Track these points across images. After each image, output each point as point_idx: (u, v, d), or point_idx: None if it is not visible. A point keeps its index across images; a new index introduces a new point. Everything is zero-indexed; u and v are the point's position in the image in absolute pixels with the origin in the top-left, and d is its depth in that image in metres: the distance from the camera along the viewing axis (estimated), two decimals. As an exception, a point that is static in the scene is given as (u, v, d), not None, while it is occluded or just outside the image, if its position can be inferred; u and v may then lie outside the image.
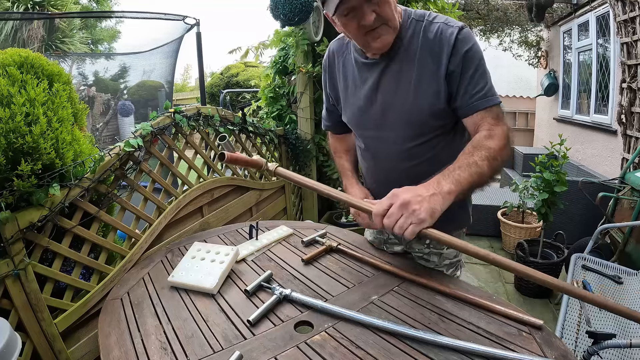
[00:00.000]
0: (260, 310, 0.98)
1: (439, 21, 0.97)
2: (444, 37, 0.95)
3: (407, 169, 1.11)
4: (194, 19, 3.65)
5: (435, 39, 0.96)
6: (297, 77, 2.87)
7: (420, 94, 0.99)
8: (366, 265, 1.23)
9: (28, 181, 1.05)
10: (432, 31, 0.97)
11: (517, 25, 5.14)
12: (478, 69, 0.95)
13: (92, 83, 5.26)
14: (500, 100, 0.98)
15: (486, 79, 0.97)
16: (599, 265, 1.99)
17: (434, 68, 0.97)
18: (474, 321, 0.94)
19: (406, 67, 1.00)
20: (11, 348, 0.85)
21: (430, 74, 0.98)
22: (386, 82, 1.03)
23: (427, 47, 0.97)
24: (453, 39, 0.94)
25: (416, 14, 1.01)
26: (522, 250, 2.56)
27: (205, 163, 2.01)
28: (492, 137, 0.93)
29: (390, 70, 1.02)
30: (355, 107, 1.12)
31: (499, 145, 0.91)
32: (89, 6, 9.02)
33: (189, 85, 16.45)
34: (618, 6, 2.90)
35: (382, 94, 1.05)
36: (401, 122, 1.04)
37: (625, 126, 2.93)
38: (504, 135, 0.93)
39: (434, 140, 1.06)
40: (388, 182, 1.19)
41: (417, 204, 0.75)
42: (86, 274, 1.34)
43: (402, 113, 1.03)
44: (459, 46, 0.94)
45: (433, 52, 0.96)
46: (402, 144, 1.07)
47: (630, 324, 1.56)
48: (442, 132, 1.05)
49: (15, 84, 1.14)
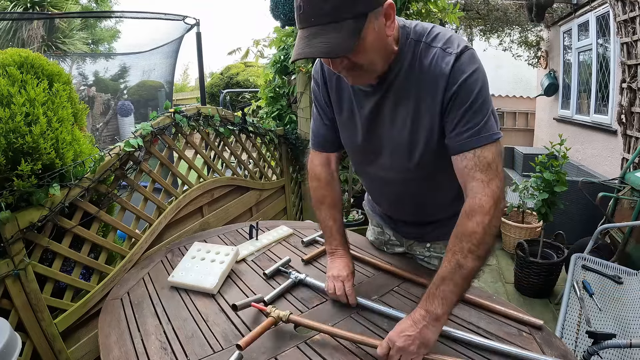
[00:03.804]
0: (276, 291, 1.06)
1: (437, 45, 0.85)
2: (439, 68, 0.83)
3: (405, 196, 1.06)
4: (194, 19, 3.65)
5: (430, 69, 0.84)
6: (297, 77, 2.87)
7: (418, 130, 0.90)
8: (366, 265, 1.23)
9: (28, 181, 1.05)
10: (428, 58, 0.85)
11: (517, 25, 5.14)
12: (475, 102, 0.82)
13: (92, 83, 5.26)
14: (498, 137, 0.84)
15: (485, 111, 0.83)
16: (599, 265, 1.99)
17: (430, 102, 0.87)
18: (474, 321, 0.94)
19: (403, 99, 0.90)
20: (11, 348, 0.85)
21: (426, 109, 0.88)
22: (383, 114, 0.94)
23: (422, 77, 0.86)
24: (449, 69, 0.82)
25: (415, 32, 0.87)
26: (522, 250, 2.56)
27: (205, 163, 2.00)
28: (474, 211, 0.81)
29: (387, 101, 0.92)
30: (351, 132, 1.03)
31: (483, 224, 0.80)
32: (89, 6, 9.01)
33: (189, 86, 16.44)
34: (618, 6, 2.90)
35: (379, 125, 0.96)
36: (396, 156, 0.97)
37: (625, 126, 2.93)
38: (493, 201, 0.81)
39: (432, 173, 0.97)
40: (387, 202, 1.17)
41: (410, 345, 0.80)
42: (86, 274, 1.34)
43: (397, 148, 0.95)
44: (453, 77, 0.82)
45: (428, 85, 0.85)
46: (397, 174, 1.00)
47: (630, 324, 1.56)
48: (441, 166, 0.93)
49: (15, 84, 1.14)
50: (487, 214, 0.80)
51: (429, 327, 0.80)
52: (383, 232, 1.31)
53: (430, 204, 1.08)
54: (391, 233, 1.28)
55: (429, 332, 0.80)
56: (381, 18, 0.77)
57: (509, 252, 3.19)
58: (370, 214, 1.34)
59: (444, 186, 1.00)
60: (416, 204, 1.08)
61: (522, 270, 2.55)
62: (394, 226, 1.24)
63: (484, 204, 0.81)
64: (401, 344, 0.80)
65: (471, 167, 0.83)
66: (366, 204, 1.36)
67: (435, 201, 1.07)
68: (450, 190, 0.98)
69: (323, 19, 0.72)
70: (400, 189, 1.04)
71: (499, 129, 0.86)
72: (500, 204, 0.82)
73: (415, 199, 1.07)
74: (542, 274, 2.47)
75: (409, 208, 1.12)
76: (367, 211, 1.35)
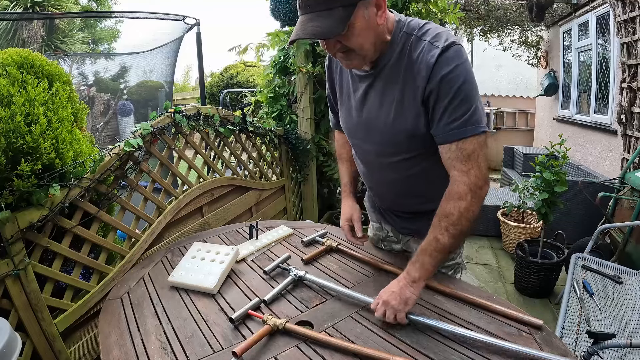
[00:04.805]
0: (276, 290, 1.07)
1: (426, 39, 0.91)
2: (425, 60, 0.89)
3: (394, 180, 1.10)
4: (194, 19, 3.65)
5: (417, 60, 0.91)
6: (297, 77, 2.86)
7: (400, 117, 0.96)
8: (366, 265, 1.24)
9: (28, 181, 1.05)
10: (416, 50, 0.91)
11: (517, 25, 5.14)
12: (457, 95, 0.87)
13: (92, 83, 5.26)
14: (482, 130, 0.89)
15: (468, 104, 0.88)
16: (599, 265, 1.99)
17: (414, 92, 0.93)
18: (474, 321, 0.94)
19: (391, 85, 0.96)
20: (11, 348, 0.85)
21: (411, 96, 0.94)
22: (371, 98, 1.02)
23: (410, 67, 0.92)
24: (433, 61, 0.87)
25: (409, 26, 0.94)
26: (522, 250, 2.56)
27: (205, 163, 2.01)
28: (452, 197, 0.91)
29: (376, 86, 1.00)
30: (346, 115, 1.12)
31: (459, 208, 0.90)
32: (89, 6, 9.01)
33: (190, 86, 16.45)
34: (618, 6, 2.90)
35: (367, 109, 1.03)
36: (382, 140, 1.03)
37: (625, 126, 2.93)
38: (469, 188, 0.89)
39: (417, 158, 1.03)
40: (380, 187, 1.21)
41: (393, 299, 0.93)
42: (86, 274, 1.34)
43: (382, 132, 1.01)
44: (436, 70, 0.87)
45: (413, 75, 0.92)
46: (386, 158, 1.06)
47: (630, 324, 1.56)
48: (426, 152, 1.00)
49: (15, 84, 1.14)
50: (463, 199, 0.90)
51: (407, 287, 0.94)
52: (381, 228, 1.32)
53: (416, 192, 1.12)
54: (389, 229, 1.29)
55: (407, 291, 0.94)
56: (372, 8, 0.86)
57: (509, 252, 3.19)
58: (369, 210, 1.36)
59: (429, 174, 1.05)
60: (404, 190, 1.13)
61: (522, 270, 2.55)
62: (390, 220, 1.25)
63: (460, 191, 0.91)
64: (385, 298, 0.95)
65: (453, 157, 0.92)
66: (367, 200, 1.37)
67: (422, 189, 1.11)
68: (437, 179, 1.01)
69: (317, 7, 0.83)
70: (389, 174, 1.11)
71: (485, 123, 0.92)
72: (478, 194, 0.91)
73: (401, 186, 1.12)
74: (542, 274, 2.47)
75: (397, 195, 1.17)
76: (367, 207, 1.36)
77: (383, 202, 1.26)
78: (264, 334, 0.89)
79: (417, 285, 0.94)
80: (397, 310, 0.92)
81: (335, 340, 0.87)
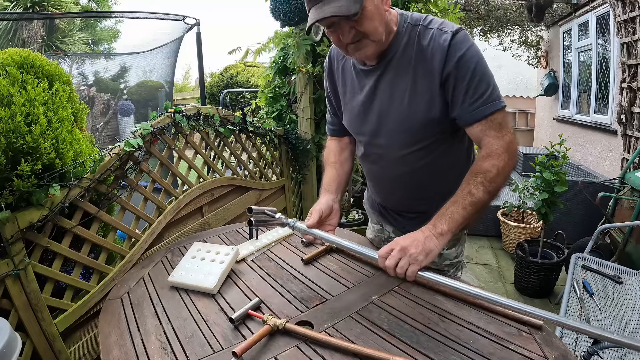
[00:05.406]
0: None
1: (434, 26, 0.95)
2: (437, 44, 0.92)
3: (404, 174, 1.11)
4: (194, 19, 3.65)
5: (428, 46, 0.94)
6: (297, 77, 2.86)
7: (415, 103, 0.98)
8: (366, 265, 1.23)
9: (28, 181, 1.05)
10: (426, 37, 0.94)
11: (517, 25, 5.14)
12: (476, 74, 0.91)
13: (92, 83, 5.26)
14: (504, 104, 0.94)
15: (487, 82, 0.92)
16: (599, 265, 1.99)
17: (428, 77, 0.95)
18: (474, 321, 0.94)
19: (401, 75, 0.98)
20: (11, 348, 0.85)
21: (424, 82, 0.96)
22: (381, 90, 1.03)
23: (421, 54, 0.95)
24: (446, 45, 0.91)
25: (412, 18, 0.98)
26: (522, 250, 2.56)
27: (205, 163, 2.01)
28: (490, 156, 0.91)
29: (385, 78, 1.01)
30: (353, 114, 1.12)
31: (496, 166, 0.90)
32: (88, 6, 9.01)
33: (190, 86, 16.44)
34: (618, 6, 2.90)
35: (378, 101, 1.04)
36: (396, 130, 1.04)
37: (625, 126, 2.93)
38: (505, 149, 0.91)
39: (430, 147, 1.04)
40: (387, 185, 1.20)
41: (413, 247, 0.85)
42: (86, 274, 1.34)
43: (396, 121, 1.02)
44: (452, 52, 0.91)
45: (427, 60, 0.94)
46: (397, 151, 1.07)
47: (630, 324, 1.56)
48: (438, 140, 1.03)
49: (15, 84, 1.14)
50: (500, 157, 0.90)
51: (432, 239, 0.87)
52: (383, 230, 1.32)
53: (424, 185, 1.11)
54: (391, 230, 1.28)
55: (431, 243, 0.86)
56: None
57: (509, 252, 3.19)
58: (369, 211, 1.35)
59: (438, 165, 1.06)
60: (413, 186, 1.12)
61: (522, 270, 2.55)
62: (392, 221, 1.24)
63: (497, 150, 0.91)
64: (405, 243, 0.86)
65: (485, 129, 0.93)
66: (366, 201, 1.36)
67: (430, 182, 1.10)
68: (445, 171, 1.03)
69: None
70: (399, 168, 1.10)
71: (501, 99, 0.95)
72: (513, 154, 0.91)
73: (412, 179, 1.11)
74: (542, 274, 2.47)
75: (406, 191, 1.15)
76: (367, 209, 1.36)
77: (388, 201, 1.25)
78: (264, 334, 0.89)
79: (442, 239, 0.88)
80: (414, 260, 0.84)
81: (335, 340, 0.87)
